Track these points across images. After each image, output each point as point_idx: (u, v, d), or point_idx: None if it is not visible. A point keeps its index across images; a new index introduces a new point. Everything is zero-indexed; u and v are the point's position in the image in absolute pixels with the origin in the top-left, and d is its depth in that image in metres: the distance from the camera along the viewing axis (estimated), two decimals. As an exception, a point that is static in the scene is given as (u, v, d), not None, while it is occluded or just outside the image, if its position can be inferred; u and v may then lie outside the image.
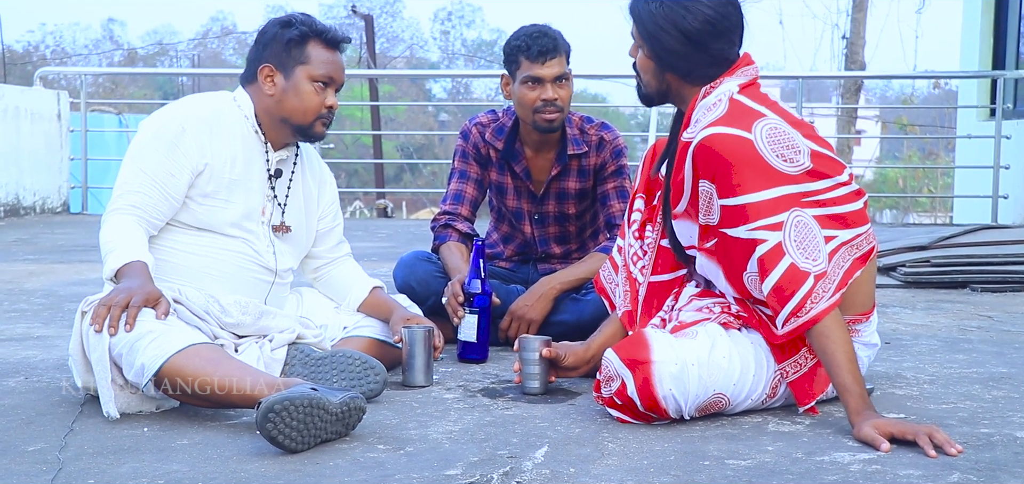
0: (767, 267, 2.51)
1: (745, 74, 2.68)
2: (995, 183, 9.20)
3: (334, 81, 2.97)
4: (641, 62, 2.75)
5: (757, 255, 2.53)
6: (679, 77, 2.70)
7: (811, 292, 2.49)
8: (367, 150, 24.43)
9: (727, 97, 2.63)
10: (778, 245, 2.51)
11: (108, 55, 38.93)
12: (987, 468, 2.22)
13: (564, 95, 3.55)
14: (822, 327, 2.49)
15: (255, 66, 2.97)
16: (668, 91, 2.75)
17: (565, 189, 3.71)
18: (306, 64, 2.94)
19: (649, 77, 2.74)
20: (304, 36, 2.94)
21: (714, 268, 2.69)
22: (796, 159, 2.56)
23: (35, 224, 8.95)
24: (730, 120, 2.57)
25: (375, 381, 2.77)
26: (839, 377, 2.46)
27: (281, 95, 2.95)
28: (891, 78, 19.89)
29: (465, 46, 43.55)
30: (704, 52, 2.66)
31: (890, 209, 23.12)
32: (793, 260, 2.50)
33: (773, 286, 2.51)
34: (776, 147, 2.55)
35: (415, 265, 3.64)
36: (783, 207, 2.52)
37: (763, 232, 2.52)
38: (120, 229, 2.78)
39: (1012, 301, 4.84)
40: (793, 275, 2.49)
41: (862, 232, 2.62)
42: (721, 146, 2.54)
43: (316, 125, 2.98)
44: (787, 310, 2.50)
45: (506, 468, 2.22)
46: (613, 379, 2.56)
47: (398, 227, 9.49)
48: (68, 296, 4.74)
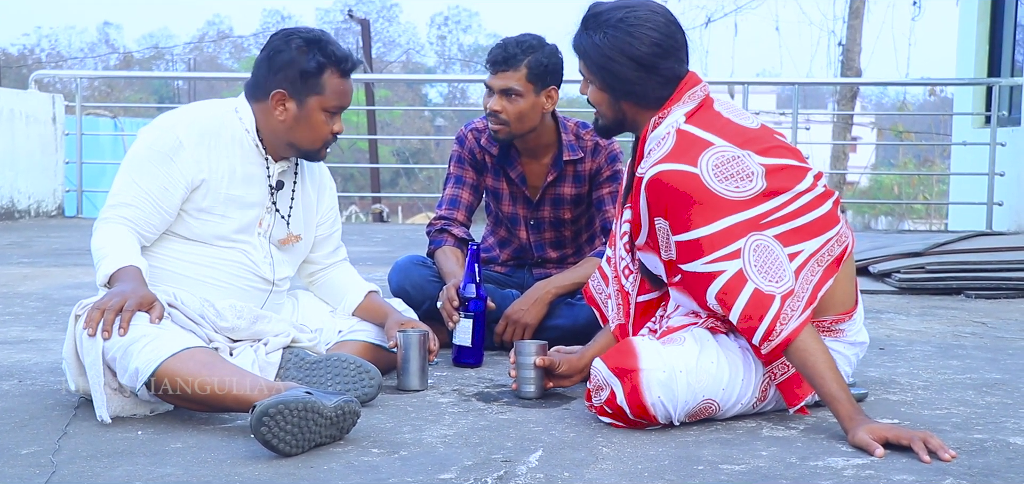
0: (730, 298, 2.50)
1: (692, 97, 2.67)
2: (990, 190, 9.21)
3: (343, 108, 2.97)
4: (594, 96, 2.74)
5: (716, 288, 2.51)
6: (634, 103, 2.70)
7: (779, 314, 2.48)
8: (363, 155, 24.43)
9: (674, 129, 2.61)
10: (738, 273, 2.49)
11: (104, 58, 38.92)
12: (980, 473, 2.22)
13: (510, 110, 3.52)
14: (797, 344, 2.48)
15: (266, 88, 2.92)
16: (624, 119, 2.74)
17: (561, 195, 3.71)
18: (321, 95, 2.90)
19: (604, 108, 2.74)
20: (321, 66, 2.89)
21: (686, 300, 2.70)
22: (746, 186, 2.54)
23: (30, 227, 8.93)
24: (676, 155, 2.56)
25: (370, 385, 2.77)
26: (824, 388, 2.46)
27: (293, 122, 2.92)
28: (887, 85, 19.98)
29: (461, 51, 43.58)
30: (655, 74, 2.65)
31: (885, 215, 23.14)
32: (756, 285, 2.48)
33: (740, 315, 2.50)
34: (724, 176, 2.53)
35: (410, 269, 3.64)
36: (738, 235, 2.51)
37: (720, 263, 2.51)
38: (112, 236, 2.78)
39: (1006, 307, 4.85)
40: (758, 300, 2.48)
41: (831, 236, 2.61)
42: (669, 181, 2.53)
43: (322, 150, 2.99)
44: (759, 335, 2.49)
45: (500, 472, 2.22)
46: (602, 388, 2.56)
47: (394, 232, 9.49)
48: (62, 299, 4.74)
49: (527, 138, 3.61)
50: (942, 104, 21.73)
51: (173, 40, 42.22)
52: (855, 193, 23.93)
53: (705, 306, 2.60)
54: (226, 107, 2.97)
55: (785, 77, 18.37)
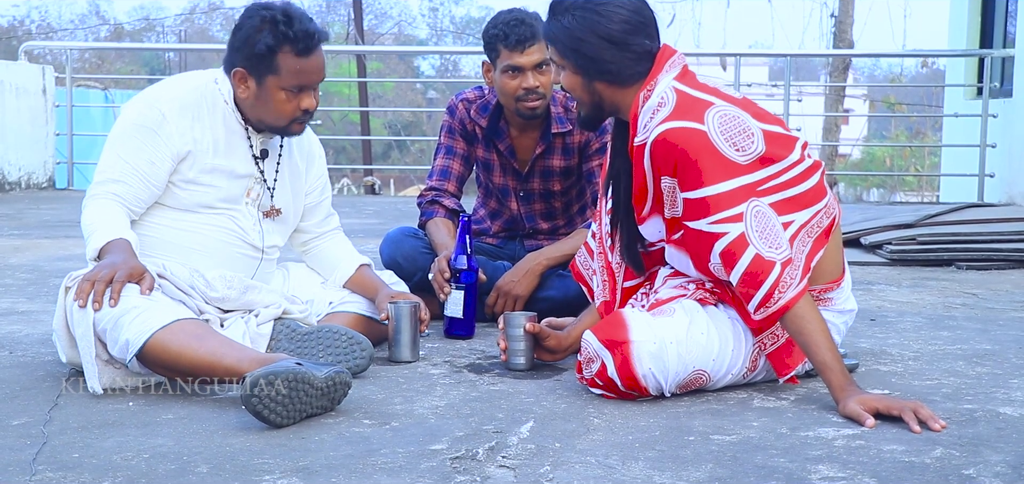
0: (732, 258, 2.50)
1: (674, 65, 2.66)
2: (982, 162, 9.22)
3: (308, 86, 2.91)
4: (568, 81, 2.69)
5: (719, 247, 2.52)
6: (608, 83, 2.66)
7: (779, 280, 2.48)
8: (355, 127, 24.37)
9: (672, 91, 2.60)
10: (741, 236, 2.49)
11: (94, 30, 38.68)
12: (970, 443, 2.23)
13: (545, 81, 3.52)
14: (794, 312, 2.48)
15: (230, 64, 2.91)
16: (602, 102, 2.69)
17: (550, 167, 3.70)
18: (276, 75, 2.86)
19: (580, 93, 2.69)
20: (272, 49, 2.84)
21: (684, 259, 2.70)
22: (748, 147, 2.53)
23: (20, 199, 8.91)
24: (681, 113, 2.55)
25: (361, 356, 2.77)
26: (818, 356, 2.47)
27: (254, 100, 2.90)
28: (879, 56, 19.97)
29: (453, 23, 43.39)
30: (627, 51, 2.63)
31: (877, 188, 23.17)
32: (758, 250, 2.48)
33: (740, 276, 2.50)
34: (729, 135, 2.53)
35: (402, 241, 3.64)
36: (741, 198, 2.51)
37: (724, 224, 2.50)
38: (101, 211, 2.77)
39: (997, 279, 4.86)
40: (759, 265, 2.48)
41: (820, 208, 2.62)
42: (677, 139, 2.52)
43: (291, 126, 2.94)
44: (756, 299, 2.50)
45: (492, 443, 2.23)
46: (593, 360, 2.56)
47: (385, 204, 9.48)
48: (53, 271, 4.73)
49: (528, 119, 3.60)
50: (934, 76, 21.73)
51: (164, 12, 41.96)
52: (847, 165, 23.96)
53: (704, 266, 2.60)
54: (207, 78, 2.96)
55: (777, 49, 18.32)
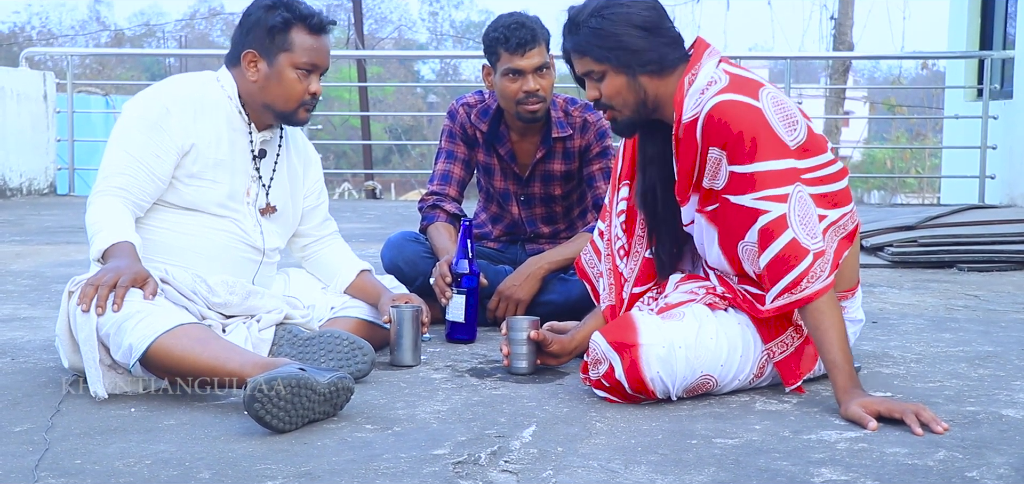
0: (769, 237, 2.50)
1: (712, 53, 2.67)
2: (982, 163, 9.22)
3: (318, 67, 2.94)
4: (610, 87, 2.65)
5: (759, 225, 2.52)
6: (652, 73, 2.64)
7: (809, 270, 2.48)
8: (355, 131, 24.38)
9: (722, 71, 2.61)
10: (782, 217, 2.49)
11: (95, 36, 38.70)
12: (973, 445, 2.23)
13: (546, 84, 3.53)
14: (817, 305, 2.48)
15: (238, 50, 2.95)
16: (646, 98, 2.66)
17: (550, 171, 3.70)
18: (289, 51, 2.90)
19: (625, 93, 2.65)
20: (287, 22, 2.90)
21: (711, 232, 2.68)
22: (795, 133, 2.56)
23: (21, 205, 8.91)
24: (736, 88, 2.56)
25: (363, 361, 2.77)
26: (830, 354, 2.47)
27: (264, 82, 2.92)
28: (879, 59, 19.94)
29: (454, 27, 43.42)
30: (661, 36, 2.63)
31: (878, 190, 23.15)
32: (796, 235, 2.49)
33: (772, 258, 2.50)
34: (781, 117, 2.55)
35: (403, 245, 3.64)
36: (789, 180, 2.52)
37: (768, 203, 2.51)
38: (107, 210, 2.77)
39: (998, 280, 4.86)
40: (794, 249, 2.48)
41: (847, 212, 2.64)
42: (733, 111, 2.52)
43: (299, 111, 2.96)
44: (782, 284, 2.49)
45: (494, 447, 2.23)
46: (601, 362, 2.56)
47: (386, 208, 9.48)
48: (55, 277, 4.73)
49: (529, 123, 3.60)
50: (934, 78, 21.72)
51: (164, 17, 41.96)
52: (848, 167, 23.91)
53: (732, 243, 2.61)
54: (208, 77, 2.99)
55: (777, 51, 18.32)
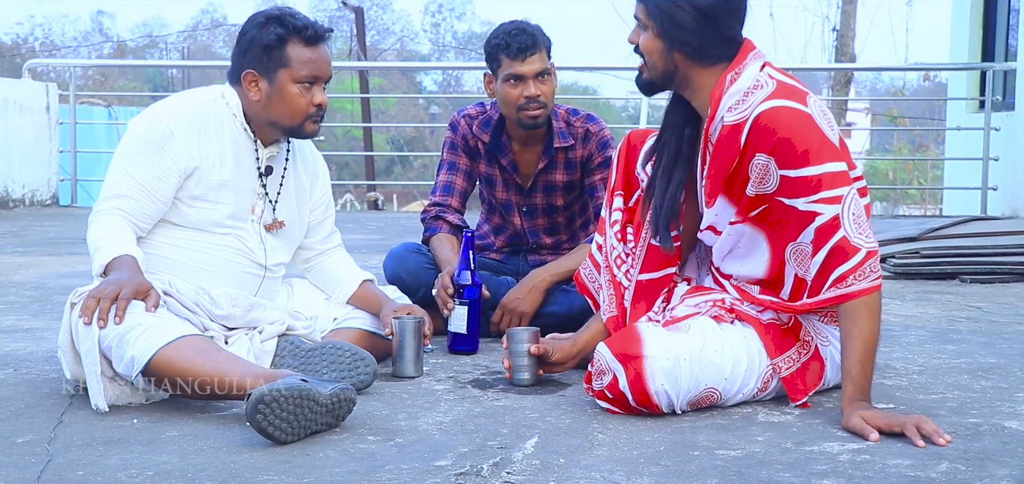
0: (825, 238, 2.51)
1: (758, 56, 2.65)
2: (984, 175, 9.22)
3: (319, 78, 2.93)
4: (647, 43, 2.66)
5: (815, 225, 2.52)
6: (688, 56, 2.64)
7: (859, 266, 2.48)
8: (357, 143, 24.38)
9: (768, 76, 2.61)
10: (836, 217, 2.50)
11: (97, 47, 38.79)
12: (975, 458, 2.22)
13: (547, 90, 3.54)
14: (857, 306, 2.47)
15: (238, 71, 2.94)
16: (674, 74, 2.67)
17: (552, 182, 3.71)
18: (288, 67, 2.89)
19: (656, 58, 2.66)
20: (282, 38, 2.88)
21: (755, 237, 2.67)
22: (836, 140, 2.57)
23: (24, 216, 8.92)
24: (784, 94, 2.56)
25: (365, 372, 2.77)
26: (848, 362, 2.46)
27: (267, 100, 2.91)
28: (881, 70, 19.96)
29: (455, 38, 43.49)
30: (716, 29, 2.62)
31: (880, 201, 23.13)
32: (846, 233, 2.49)
33: (826, 255, 2.51)
34: (828, 123, 2.56)
35: (405, 257, 3.64)
36: (844, 182, 2.53)
37: (823, 205, 2.51)
38: (108, 227, 2.78)
39: (1001, 292, 4.86)
40: (846, 246, 2.49)
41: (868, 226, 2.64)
42: (784, 117, 2.53)
43: (306, 125, 2.95)
44: (833, 277, 2.49)
45: (496, 459, 2.23)
46: (605, 373, 2.56)
47: (389, 219, 9.48)
48: (57, 288, 4.73)
49: (530, 129, 3.61)
50: (936, 89, 21.71)
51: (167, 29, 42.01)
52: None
53: (783, 244, 2.61)
54: (213, 94, 2.98)
55: (780, 63, 18.30)
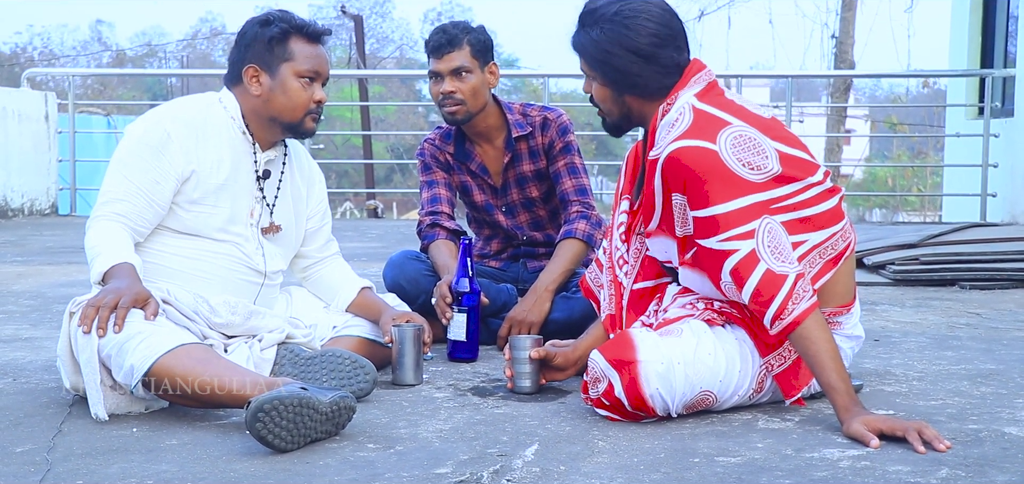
0: (742, 276, 2.50)
1: (699, 81, 2.68)
2: (983, 182, 9.22)
3: (320, 75, 2.96)
4: (597, 93, 2.75)
5: (729, 265, 2.52)
6: (638, 96, 2.70)
7: (791, 293, 2.47)
8: (357, 151, 24.41)
9: (689, 108, 2.61)
10: (751, 253, 2.50)
11: (96, 56, 38.76)
12: (975, 464, 2.22)
13: (464, 87, 3.58)
14: (804, 330, 2.47)
15: (239, 68, 2.95)
16: (630, 114, 2.74)
17: (522, 174, 3.74)
18: (291, 61, 2.92)
19: (609, 105, 2.75)
20: (285, 33, 2.92)
21: (698, 279, 2.70)
22: (763, 166, 2.55)
23: (23, 226, 8.92)
24: (695, 132, 2.56)
25: (365, 380, 2.77)
26: (824, 377, 2.46)
27: (268, 94, 2.93)
28: (880, 77, 19.91)
29: (455, 46, 43.48)
30: (656, 64, 2.66)
31: (879, 208, 23.19)
32: (768, 265, 2.49)
33: (752, 293, 2.50)
34: (742, 155, 2.54)
35: (404, 264, 3.65)
36: (753, 215, 2.51)
37: (735, 242, 2.51)
38: (106, 234, 2.77)
39: (1000, 298, 4.86)
40: (770, 280, 2.48)
41: (836, 231, 2.63)
42: (688, 158, 2.53)
43: (306, 121, 2.97)
44: (770, 313, 2.49)
45: (496, 466, 2.22)
46: (600, 380, 2.56)
47: (388, 227, 9.48)
48: (56, 297, 4.73)
49: (477, 120, 3.65)
50: (935, 96, 21.74)
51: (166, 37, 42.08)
52: (849, 186, 23.94)
53: (717, 283, 2.60)
54: (210, 99, 2.99)
55: (779, 70, 18.33)
